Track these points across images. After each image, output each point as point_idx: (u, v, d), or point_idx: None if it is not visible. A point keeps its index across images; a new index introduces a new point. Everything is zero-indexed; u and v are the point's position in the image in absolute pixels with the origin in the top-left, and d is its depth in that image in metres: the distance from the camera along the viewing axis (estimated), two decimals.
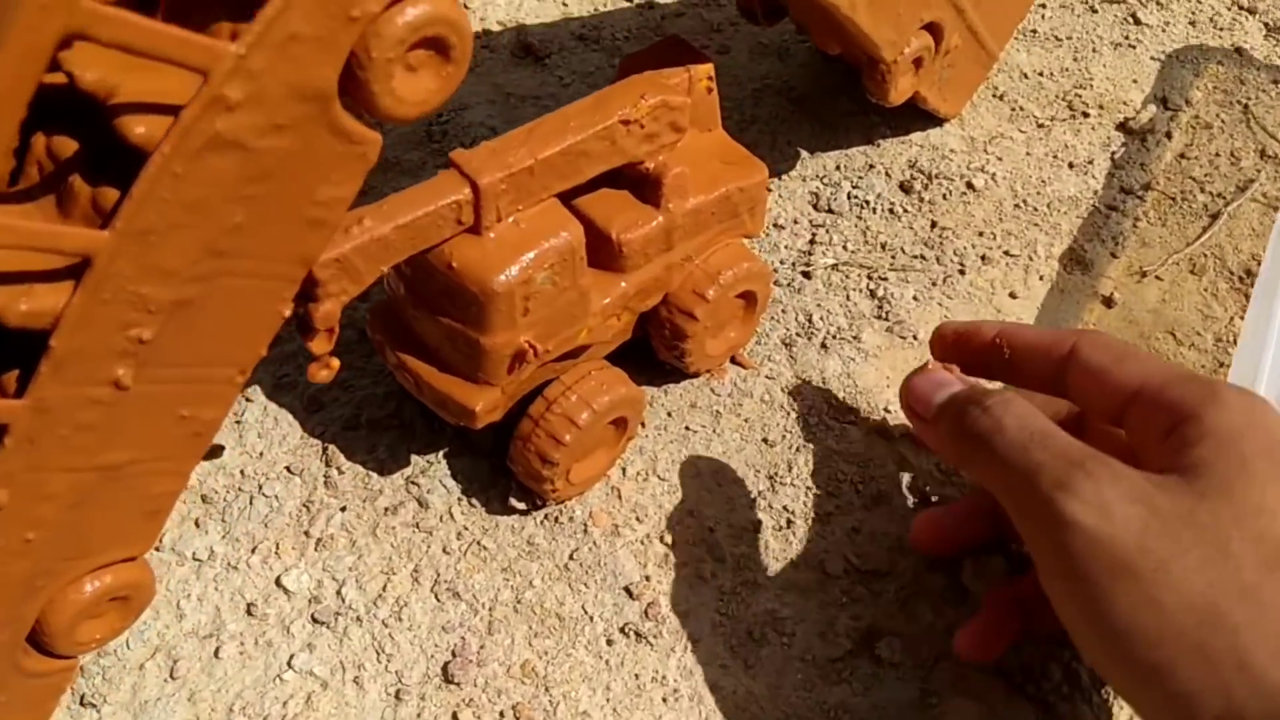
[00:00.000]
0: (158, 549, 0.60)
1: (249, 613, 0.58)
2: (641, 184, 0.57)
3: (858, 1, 0.63)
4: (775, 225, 0.79)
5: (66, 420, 0.39)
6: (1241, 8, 0.98)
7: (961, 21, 0.75)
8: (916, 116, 0.84)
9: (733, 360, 0.71)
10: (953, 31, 0.75)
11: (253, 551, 0.61)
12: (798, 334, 0.72)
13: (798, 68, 0.90)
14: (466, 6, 0.91)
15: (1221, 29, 0.96)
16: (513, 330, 0.52)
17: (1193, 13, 0.97)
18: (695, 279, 0.62)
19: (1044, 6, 0.96)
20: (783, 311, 0.73)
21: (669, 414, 0.68)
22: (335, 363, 0.50)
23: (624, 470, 0.65)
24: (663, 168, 0.56)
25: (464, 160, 0.51)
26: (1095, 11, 0.96)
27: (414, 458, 0.65)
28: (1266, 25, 0.96)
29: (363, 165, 0.42)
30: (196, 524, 0.62)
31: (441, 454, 0.65)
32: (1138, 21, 0.95)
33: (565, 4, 0.93)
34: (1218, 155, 0.85)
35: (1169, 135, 0.86)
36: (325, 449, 0.65)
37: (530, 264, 0.51)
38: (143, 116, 0.36)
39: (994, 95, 0.89)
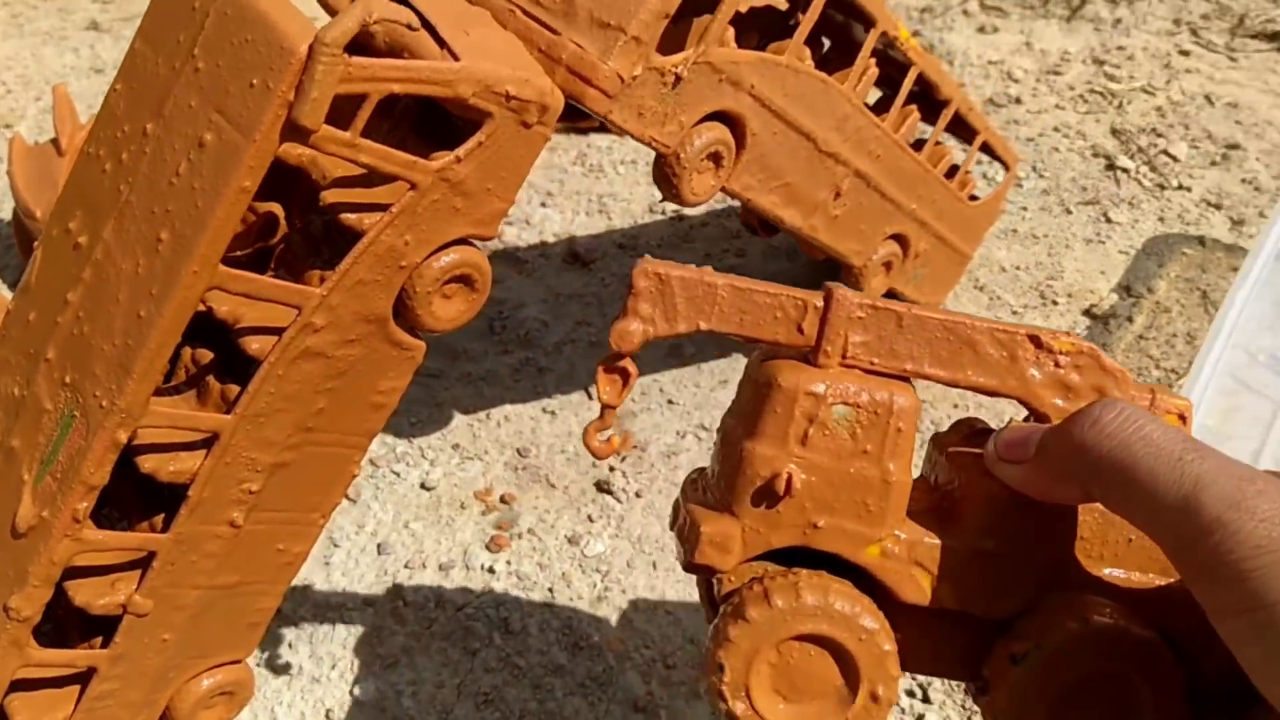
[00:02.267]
0: (257, 664, 0.75)
1: (328, 717, 0.72)
2: None
3: (818, 225, 0.78)
4: None
5: (197, 550, 0.55)
6: (1209, 204, 1.11)
7: (926, 231, 0.90)
8: None
9: None
10: (919, 239, 0.90)
11: (332, 668, 0.75)
12: None
13: (803, 266, 1.05)
14: (527, 222, 1.10)
15: (1189, 224, 1.09)
16: (781, 449, 0.41)
17: (1162, 210, 1.10)
18: None
19: (1025, 209, 1.11)
20: None
21: (676, 558, 0.81)
22: (616, 440, 0.45)
23: (636, 604, 0.78)
24: None
25: (835, 285, 0.43)
26: (1070, 212, 1.10)
27: (464, 594, 0.79)
28: (1231, 219, 1.09)
29: (412, 365, 0.58)
30: (290, 645, 0.77)
31: (486, 590, 0.79)
32: (1109, 220, 1.09)
33: (609, 217, 1.11)
34: (1174, 335, 0.97)
35: (1130, 319, 0.99)
36: (394, 585, 0.80)
37: (835, 390, 0.41)
38: (257, 336, 0.53)
39: (975, 286, 1.03)
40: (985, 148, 0.94)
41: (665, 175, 0.65)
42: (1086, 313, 1.00)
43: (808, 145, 0.73)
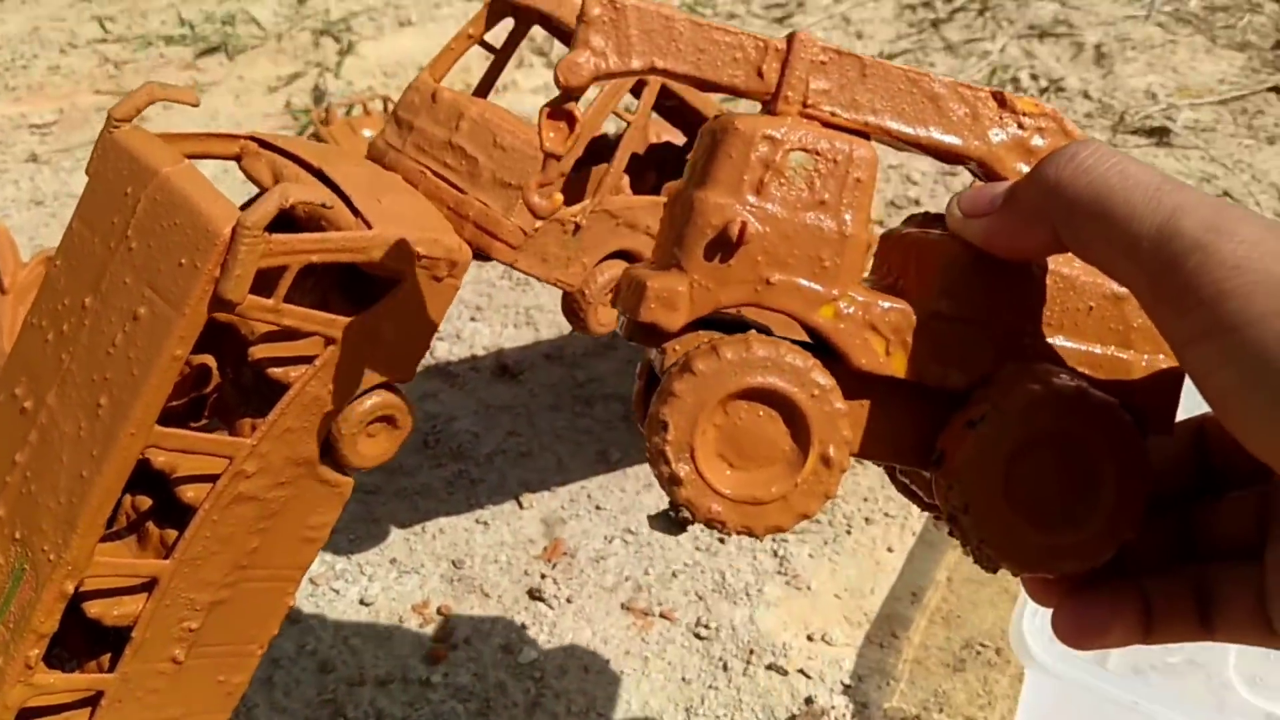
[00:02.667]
0: None
1: None
2: None
3: None
4: None
5: (142, 686, 0.58)
6: None
7: None
8: None
9: (660, 615, 0.89)
10: None
11: None
12: (712, 589, 0.90)
13: None
14: (458, 336, 1.15)
15: None
16: (734, 196, 0.38)
17: None
18: None
19: None
20: (701, 571, 0.92)
21: (607, 661, 0.85)
22: (559, 199, 0.42)
23: (569, 708, 0.82)
24: None
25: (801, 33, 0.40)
26: None
27: (404, 708, 0.82)
28: None
29: (341, 500, 0.63)
30: None
31: (424, 704, 0.83)
32: None
33: (537, 329, 1.16)
34: None
35: None
36: (335, 702, 0.83)
37: (794, 134, 0.38)
38: (192, 485, 0.57)
39: None
40: None
41: (572, 310, 0.71)
42: None
43: None
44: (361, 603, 0.90)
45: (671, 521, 0.35)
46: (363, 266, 0.55)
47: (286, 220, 0.56)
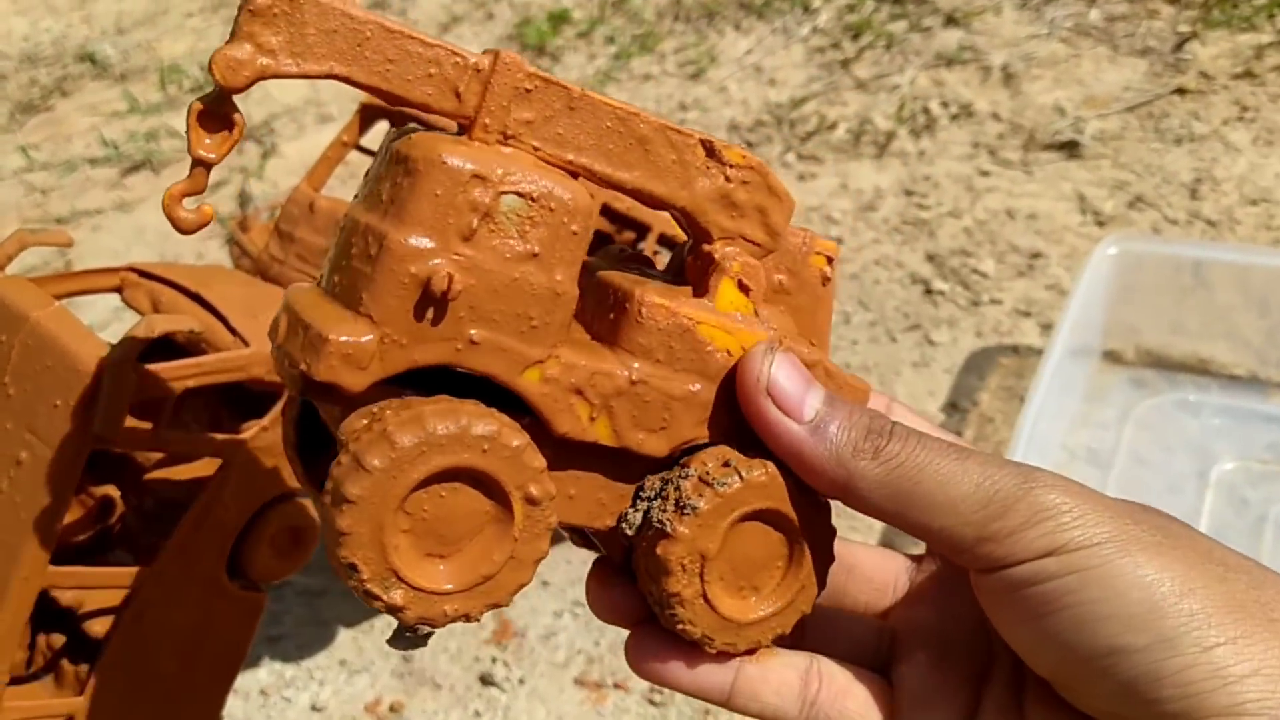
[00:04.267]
0: None
1: None
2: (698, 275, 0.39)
3: None
4: None
5: None
6: (1020, 313, 1.20)
7: None
8: None
9: (614, 685, 0.88)
10: None
11: None
12: None
13: None
14: None
15: (1004, 334, 1.18)
16: (439, 241, 0.33)
17: (978, 325, 1.19)
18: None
19: (855, 342, 1.19)
20: None
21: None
22: (209, 210, 0.34)
23: None
24: (728, 258, 0.38)
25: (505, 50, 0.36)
26: (896, 341, 1.19)
27: None
28: (1040, 325, 1.19)
29: (255, 614, 0.62)
30: None
31: None
32: (931, 342, 1.18)
33: None
34: (1001, 443, 1.05)
35: (959, 434, 1.07)
36: None
37: (509, 175, 0.34)
38: (99, 619, 0.57)
39: None
40: None
41: None
42: None
43: None
44: (313, 708, 0.90)
45: (413, 638, 0.29)
46: (246, 384, 0.56)
47: (170, 346, 0.56)
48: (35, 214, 1.65)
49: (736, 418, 0.37)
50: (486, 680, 0.90)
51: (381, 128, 0.76)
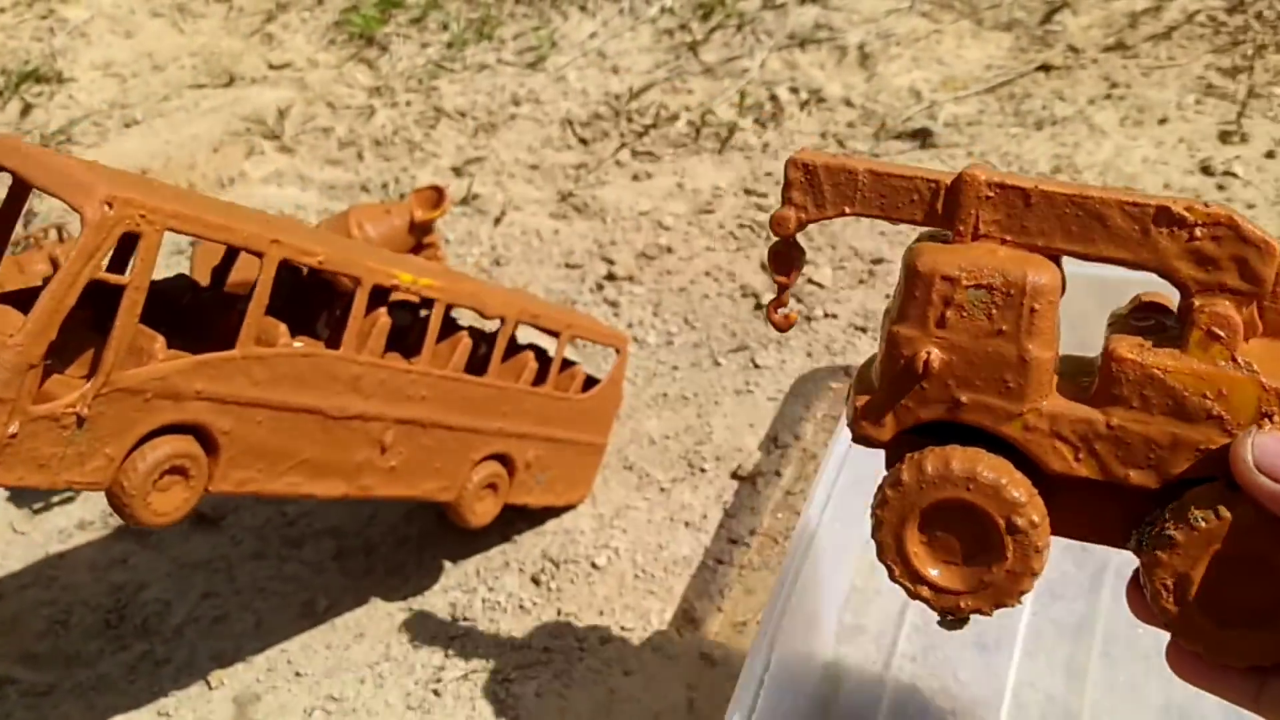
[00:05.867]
0: None
1: None
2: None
3: (371, 484, 0.73)
4: (413, 645, 0.86)
5: None
6: (855, 328, 1.10)
7: (530, 441, 0.86)
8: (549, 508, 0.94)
9: None
10: (523, 451, 0.85)
11: None
12: None
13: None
14: None
15: (836, 353, 1.07)
16: (921, 330, 0.44)
17: (810, 344, 1.08)
18: None
19: (676, 368, 1.08)
20: None
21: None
22: (795, 315, 0.49)
23: None
24: (1199, 310, 0.43)
25: (972, 166, 0.46)
26: (719, 364, 1.08)
27: None
28: (876, 339, 1.08)
29: None
30: None
31: None
32: (757, 365, 1.07)
33: None
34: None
35: (778, 473, 0.96)
36: None
37: (969, 272, 0.44)
38: None
39: (625, 466, 0.99)
40: (582, 340, 0.91)
41: (116, 506, 0.59)
42: (734, 475, 0.96)
43: (314, 419, 0.68)
44: None
45: (951, 621, 0.50)
46: None
47: None
48: None
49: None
50: None
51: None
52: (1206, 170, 1.24)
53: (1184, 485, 0.44)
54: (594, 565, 0.91)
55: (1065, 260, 0.46)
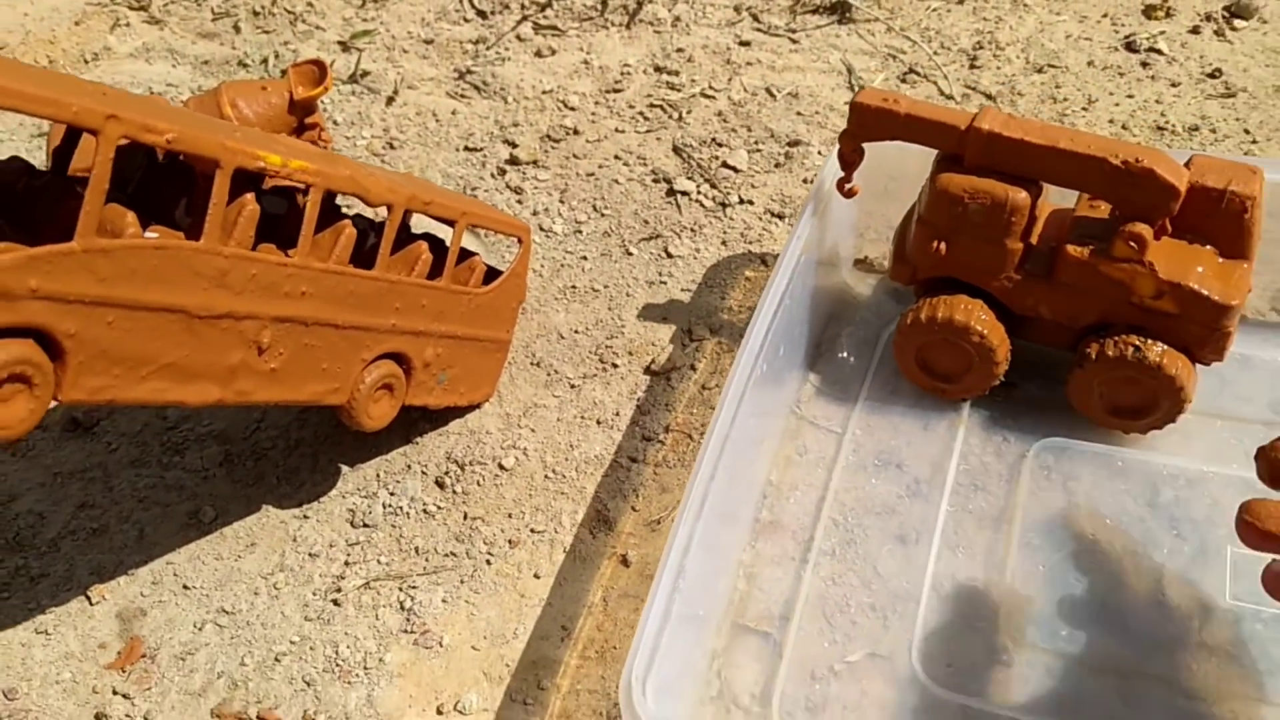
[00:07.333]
0: None
1: None
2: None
3: (249, 388, 0.67)
4: (310, 554, 0.82)
5: None
6: (772, 215, 1.05)
7: (427, 338, 0.80)
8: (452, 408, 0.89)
9: (258, 717, 0.73)
10: (421, 349, 0.80)
11: None
12: (324, 669, 0.75)
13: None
14: None
15: (751, 241, 1.03)
16: (938, 225, 0.79)
17: (724, 232, 1.04)
18: None
19: (585, 259, 1.03)
20: (310, 648, 0.76)
21: None
22: (859, 188, 0.86)
23: None
24: (1131, 234, 0.73)
25: (980, 115, 0.75)
26: (631, 254, 1.03)
27: None
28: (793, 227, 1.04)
29: None
30: None
31: None
32: (670, 255, 1.02)
33: None
34: None
35: (693, 367, 0.92)
36: None
37: (969, 191, 0.75)
38: None
39: (532, 363, 0.94)
40: (480, 228, 0.85)
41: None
42: (647, 370, 0.92)
43: (176, 318, 0.61)
44: None
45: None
46: None
47: None
48: None
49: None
50: (102, 719, 0.73)
51: None
52: (1130, 47, 1.21)
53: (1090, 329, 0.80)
54: (501, 466, 0.86)
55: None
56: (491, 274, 0.88)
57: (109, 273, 0.57)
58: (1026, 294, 0.79)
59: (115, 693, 0.75)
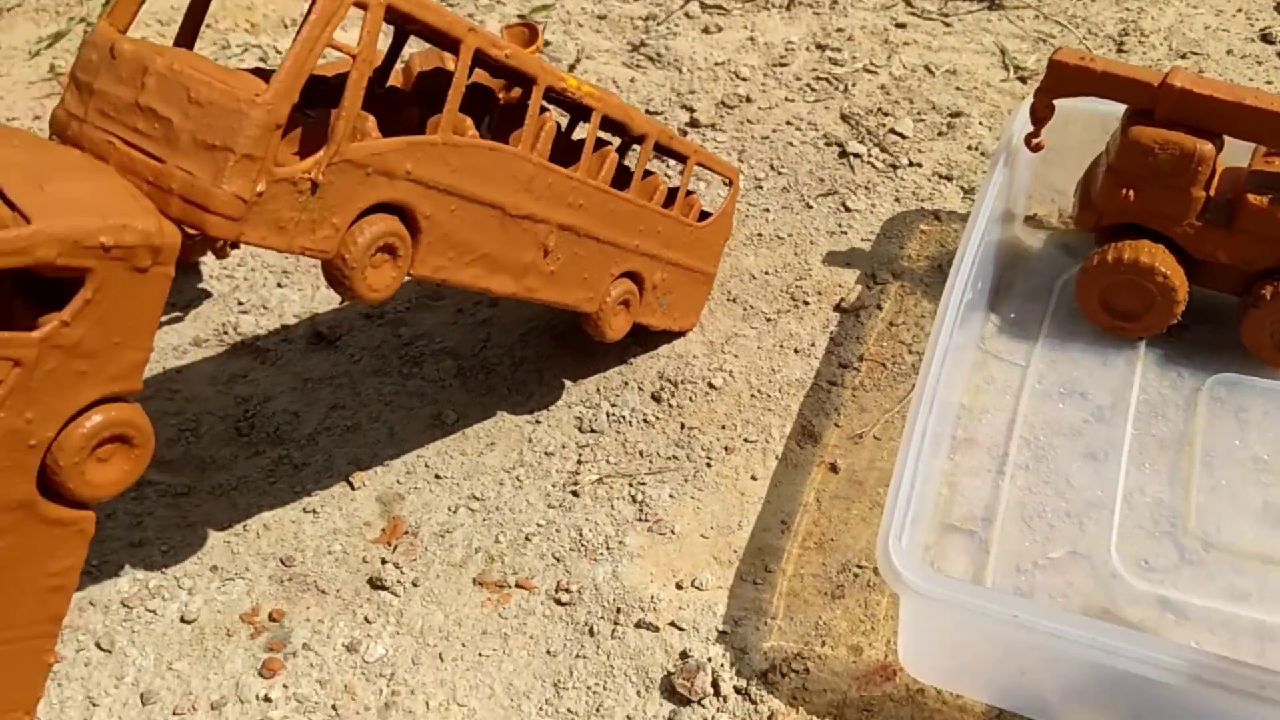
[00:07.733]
0: None
1: None
2: None
3: (534, 285, 0.76)
4: (545, 453, 0.90)
5: None
6: (941, 176, 1.13)
7: (658, 262, 0.89)
8: (662, 332, 0.98)
9: (516, 585, 0.82)
10: (653, 272, 0.88)
11: None
12: (570, 548, 0.83)
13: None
14: (264, 306, 1.04)
15: (924, 200, 1.11)
16: (1127, 174, 0.89)
17: (897, 190, 1.12)
18: None
19: (768, 210, 1.11)
20: (556, 530, 0.85)
21: (463, 644, 0.78)
22: (1046, 142, 0.97)
23: (427, 704, 0.75)
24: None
25: (1170, 74, 0.86)
26: (811, 207, 1.11)
27: None
28: (963, 188, 1.12)
29: (82, 538, 0.53)
30: None
31: None
32: (848, 209, 1.10)
33: None
34: (923, 316, 0.98)
35: (879, 307, 1.00)
36: None
37: (1160, 143, 0.86)
38: None
39: (728, 299, 1.02)
40: (703, 167, 0.94)
41: (335, 279, 0.62)
42: (837, 308, 1.00)
43: (495, 214, 0.70)
44: (183, 620, 0.81)
45: None
46: (35, 269, 0.45)
47: None
48: None
49: None
50: (376, 584, 0.82)
51: None
52: (1266, 38, 1.28)
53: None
54: (711, 385, 0.95)
55: None
56: (701, 215, 0.97)
57: (458, 164, 0.66)
58: (1206, 240, 0.87)
59: (385, 562, 0.84)
